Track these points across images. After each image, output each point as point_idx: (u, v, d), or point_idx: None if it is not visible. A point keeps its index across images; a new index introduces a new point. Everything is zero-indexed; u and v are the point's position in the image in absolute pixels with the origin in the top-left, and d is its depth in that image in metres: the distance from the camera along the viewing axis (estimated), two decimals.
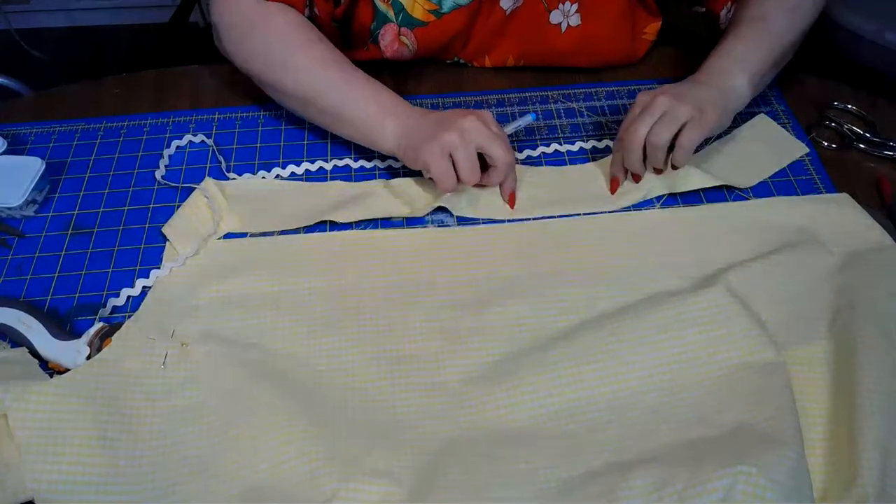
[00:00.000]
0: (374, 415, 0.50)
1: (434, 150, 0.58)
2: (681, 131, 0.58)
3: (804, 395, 0.49)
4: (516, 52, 0.75)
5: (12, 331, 0.53)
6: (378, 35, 0.71)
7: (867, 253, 0.58)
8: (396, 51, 0.72)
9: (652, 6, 0.73)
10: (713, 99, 0.60)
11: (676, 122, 0.58)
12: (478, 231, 0.61)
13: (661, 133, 0.58)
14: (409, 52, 0.72)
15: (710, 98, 0.60)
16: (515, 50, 0.75)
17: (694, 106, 0.58)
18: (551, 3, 0.70)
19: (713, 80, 0.62)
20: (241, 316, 0.55)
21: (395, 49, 0.72)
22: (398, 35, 0.71)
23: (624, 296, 0.56)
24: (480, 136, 0.59)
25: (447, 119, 0.60)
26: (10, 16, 1.81)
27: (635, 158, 0.61)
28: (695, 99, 0.59)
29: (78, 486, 0.45)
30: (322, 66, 0.64)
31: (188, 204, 0.63)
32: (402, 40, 0.71)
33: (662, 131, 0.58)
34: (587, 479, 0.45)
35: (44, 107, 0.75)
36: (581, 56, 0.74)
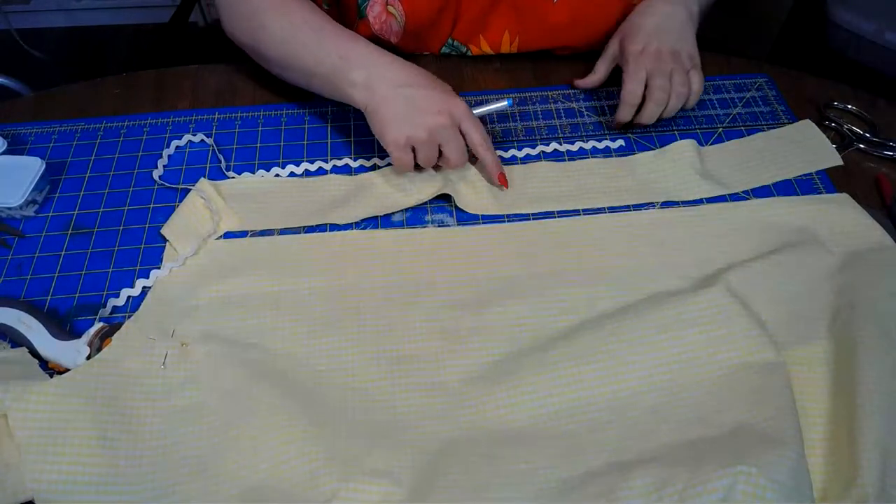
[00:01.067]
0: (374, 415, 0.50)
1: (399, 141, 0.60)
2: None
3: (804, 395, 0.49)
4: (512, 28, 0.75)
5: (12, 331, 0.53)
6: (366, 7, 0.71)
7: (867, 253, 0.58)
8: (385, 23, 0.72)
9: None
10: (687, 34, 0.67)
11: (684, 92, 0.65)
12: (478, 231, 0.61)
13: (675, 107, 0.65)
14: (397, 24, 0.72)
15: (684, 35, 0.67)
16: (510, 25, 0.74)
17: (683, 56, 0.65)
18: None
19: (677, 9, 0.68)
20: (241, 316, 0.55)
21: (384, 21, 0.71)
22: (386, 5, 0.70)
23: (624, 296, 0.56)
24: (445, 136, 0.60)
25: (418, 107, 0.59)
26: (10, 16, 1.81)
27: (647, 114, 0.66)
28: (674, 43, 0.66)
29: (78, 486, 0.45)
30: (294, 27, 0.64)
31: (185, 204, 0.63)
32: (391, 10, 0.71)
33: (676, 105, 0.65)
34: (587, 479, 0.45)
35: (44, 107, 0.75)
36: (575, 29, 0.74)
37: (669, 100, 0.65)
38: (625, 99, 0.65)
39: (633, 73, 0.65)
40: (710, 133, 0.70)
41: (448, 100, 0.60)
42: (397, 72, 0.61)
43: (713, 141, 0.69)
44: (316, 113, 0.73)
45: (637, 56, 0.66)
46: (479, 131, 0.61)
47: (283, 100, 0.74)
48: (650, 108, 0.65)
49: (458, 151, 0.61)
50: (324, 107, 0.73)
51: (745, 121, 0.71)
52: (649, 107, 0.65)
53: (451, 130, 0.60)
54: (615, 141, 0.69)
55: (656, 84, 0.64)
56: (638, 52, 0.66)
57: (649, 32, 0.67)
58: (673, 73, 0.64)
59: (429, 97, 0.60)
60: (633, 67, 0.65)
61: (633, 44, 0.67)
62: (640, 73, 0.65)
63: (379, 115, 0.60)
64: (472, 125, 0.61)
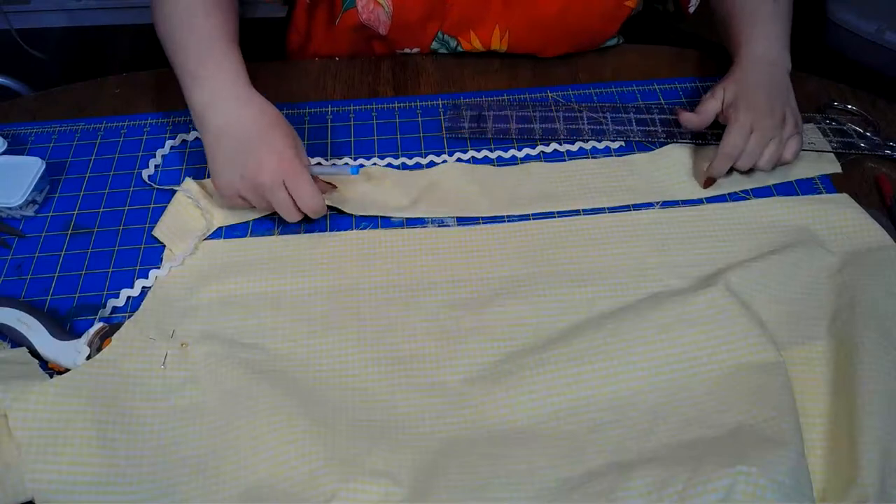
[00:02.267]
0: (374, 415, 0.50)
1: (225, 191, 0.58)
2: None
3: (804, 395, 0.49)
4: (502, 24, 0.74)
5: (12, 331, 0.53)
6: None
7: (867, 253, 0.58)
8: (372, 13, 0.71)
9: None
10: (792, 97, 0.64)
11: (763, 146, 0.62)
12: (478, 231, 0.61)
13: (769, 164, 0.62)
14: (385, 15, 0.72)
15: (790, 98, 0.64)
16: (500, 20, 0.74)
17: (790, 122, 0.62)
18: None
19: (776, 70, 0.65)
20: (241, 316, 0.55)
21: (371, 11, 0.71)
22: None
23: (624, 296, 0.56)
24: (273, 197, 0.57)
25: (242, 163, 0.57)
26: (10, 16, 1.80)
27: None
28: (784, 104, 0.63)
29: (78, 486, 0.45)
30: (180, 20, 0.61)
31: (173, 205, 0.63)
32: (378, 1, 0.71)
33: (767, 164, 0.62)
34: (587, 479, 0.45)
35: (44, 107, 0.75)
36: (565, 22, 0.73)
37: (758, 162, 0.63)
38: (725, 151, 0.62)
39: (739, 128, 0.61)
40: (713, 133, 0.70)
41: (275, 158, 0.56)
42: (231, 110, 0.58)
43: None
44: (316, 113, 0.73)
45: (747, 109, 0.62)
46: (307, 193, 0.57)
47: (283, 100, 0.74)
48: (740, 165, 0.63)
49: (288, 212, 0.58)
50: (324, 106, 0.73)
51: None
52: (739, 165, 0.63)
53: (278, 191, 0.57)
54: (615, 141, 0.69)
55: (749, 149, 0.62)
56: (749, 104, 0.62)
57: (758, 90, 0.63)
58: (771, 141, 0.62)
59: (252, 148, 0.57)
60: (740, 123, 0.61)
61: (740, 99, 0.63)
62: (746, 131, 0.61)
63: (209, 156, 0.59)
64: (301, 185, 0.57)
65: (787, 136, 0.62)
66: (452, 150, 0.68)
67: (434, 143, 0.69)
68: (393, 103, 0.74)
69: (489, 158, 0.68)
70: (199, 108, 0.59)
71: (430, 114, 0.73)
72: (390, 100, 0.74)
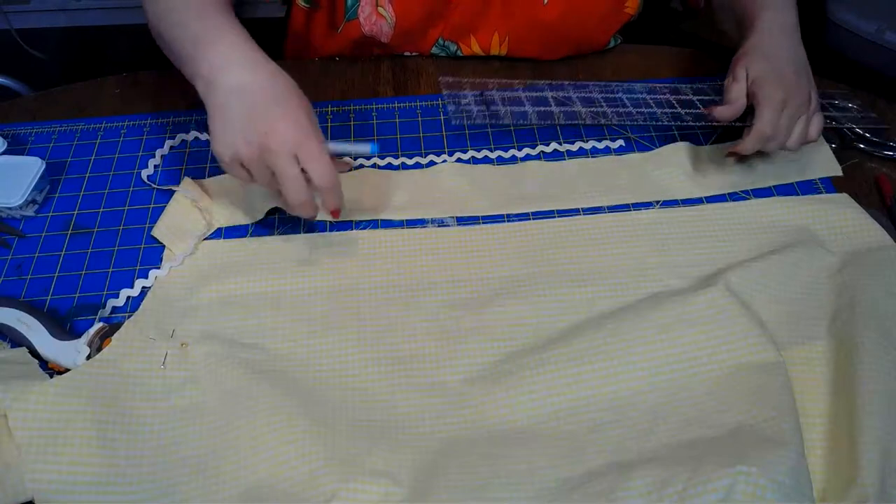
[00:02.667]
0: (374, 415, 0.50)
1: (223, 157, 0.53)
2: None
3: (804, 395, 0.49)
4: (502, 29, 0.74)
5: (12, 331, 0.53)
6: (357, 8, 0.71)
7: (867, 253, 0.58)
8: (375, 24, 0.71)
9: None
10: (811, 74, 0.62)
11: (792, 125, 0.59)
12: (477, 231, 0.61)
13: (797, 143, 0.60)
14: (388, 26, 0.72)
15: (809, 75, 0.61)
16: (500, 25, 0.74)
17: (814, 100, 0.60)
18: None
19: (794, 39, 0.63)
20: (241, 316, 0.55)
21: (374, 22, 0.71)
22: (376, 7, 0.70)
23: (624, 296, 0.56)
24: (278, 167, 0.51)
25: (250, 119, 0.51)
26: (10, 16, 1.80)
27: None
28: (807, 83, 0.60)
29: (78, 486, 0.45)
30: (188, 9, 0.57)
31: (172, 205, 0.63)
32: (381, 11, 0.71)
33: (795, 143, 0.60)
34: (587, 479, 0.45)
35: (44, 107, 0.75)
36: (565, 28, 0.74)
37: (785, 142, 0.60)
38: (762, 132, 0.58)
39: (772, 107, 0.58)
40: (710, 134, 0.70)
41: (291, 125, 0.51)
42: (244, 73, 0.53)
43: (713, 141, 0.69)
44: (316, 112, 0.72)
45: (776, 85, 0.58)
46: (323, 164, 0.51)
47: None
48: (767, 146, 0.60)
49: (294, 188, 0.52)
50: (324, 106, 0.73)
51: None
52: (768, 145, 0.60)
53: (284, 160, 0.51)
54: (615, 141, 0.69)
55: (780, 129, 0.58)
56: (777, 80, 0.59)
57: (787, 61, 0.60)
58: (800, 119, 0.59)
59: (265, 112, 0.51)
60: (772, 101, 0.58)
61: (773, 71, 0.59)
62: (779, 109, 0.58)
63: (213, 118, 0.53)
64: (316, 156, 0.51)
65: (812, 112, 0.60)
66: (452, 150, 0.68)
67: (434, 143, 0.69)
68: (393, 103, 0.74)
69: (489, 158, 0.68)
70: (207, 71, 0.54)
71: (430, 114, 0.73)
72: (390, 100, 0.74)
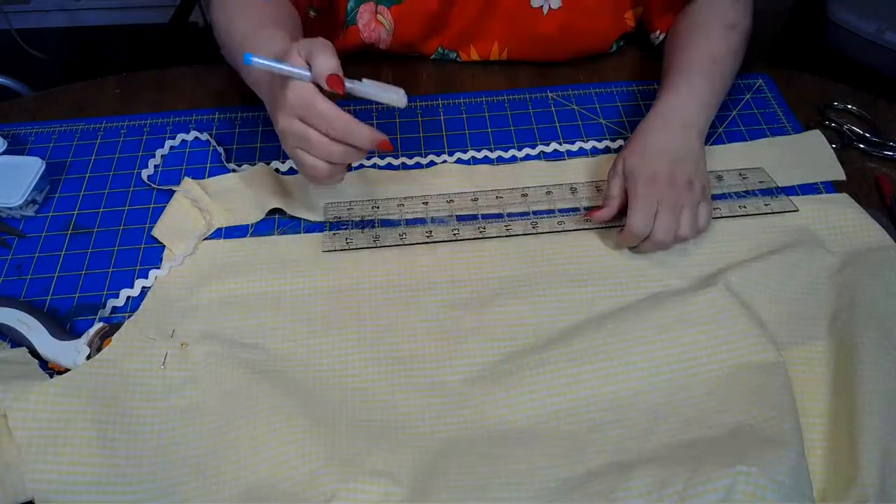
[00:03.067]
0: (374, 415, 0.50)
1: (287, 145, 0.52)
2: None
3: (804, 395, 0.49)
4: (501, 39, 0.74)
5: (12, 331, 0.53)
6: (355, 15, 0.71)
7: (867, 253, 0.58)
8: (374, 31, 0.72)
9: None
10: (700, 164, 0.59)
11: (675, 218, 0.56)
12: (477, 232, 0.61)
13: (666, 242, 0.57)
14: (386, 33, 0.72)
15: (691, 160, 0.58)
16: (499, 36, 0.74)
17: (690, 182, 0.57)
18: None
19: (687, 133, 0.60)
20: (241, 316, 0.55)
21: (373, 29, 0.72)
22: (375, 14, 0.71)
23: (624, 296, 0.56)
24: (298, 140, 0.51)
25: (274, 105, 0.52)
26: (10, 16, 1.81)
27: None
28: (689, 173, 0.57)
29: (78, 486, 0.45)
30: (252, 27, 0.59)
31: (172, 205, 0.63)
32: (380, 19, 0.71)
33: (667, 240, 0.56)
34: (587, 479, 0.45)
35: (44, 107, 0.75)
36: (564, 41, 0.74)
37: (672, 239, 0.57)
38: (632, 231, 0.56)
39: (642, 205, 0.56)
40: (710, 134, 0.70)
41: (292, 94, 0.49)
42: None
43: (713, 141, 0.69)
44: None
45: (648, 182, 0.57)
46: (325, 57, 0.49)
47: None
48: (648, 247, 0.58)
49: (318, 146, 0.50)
50: None
51: (745, 121, 0.71)
52: (647, 246, 0.58)
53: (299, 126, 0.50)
54: (615, 141, 0.69)
55: (662, 225, 0.56)
56: (649, 177, 0.57)
57: (661, 159, 0.58)
58: (683, 210, 0.56)
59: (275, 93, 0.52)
60: (642, 198, 0.56)
61: (642, 173, 0.57)
62: (651, 207, 0.56)
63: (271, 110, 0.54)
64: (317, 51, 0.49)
65: (696, 202, 0.57)
66: (452, 150, 0.68)
67: (434, 143, 0.70)
68: None
69: (489, 158, 0.68)
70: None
71: (431, 114, 0.73)
72: None
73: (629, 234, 0.57)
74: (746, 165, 0.66)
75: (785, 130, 0.70)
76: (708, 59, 0.64)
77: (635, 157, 0.59)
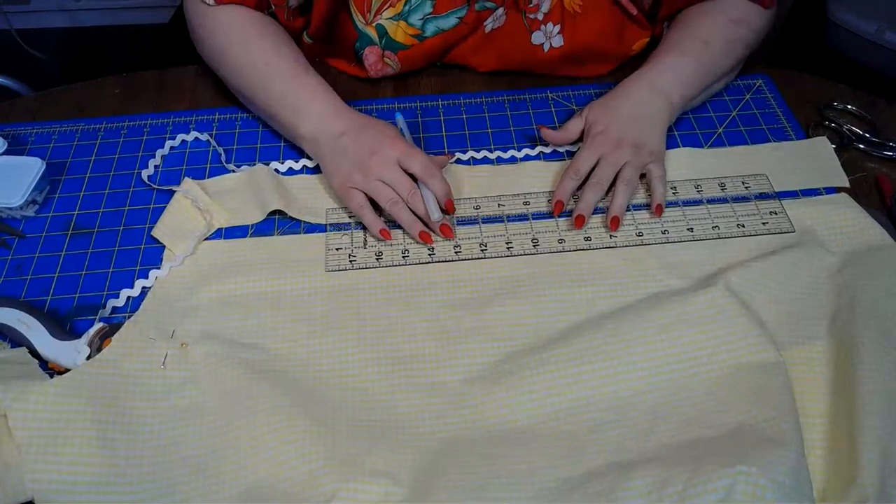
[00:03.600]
0: (374, 415, 0.50)
1: (341, 188, 0.61)
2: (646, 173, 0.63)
3: (804, 395, 0.49)
4: (502, 64, 0.75)
5: (12, 331, 0.53)
6: (362, 55, 0.73)
7: (867, 253, 0.58)
8: (381, 70, 0.74)
9: (643, 21, 0.72)
10: (649, 126, 0.63)
11: (633, 184, 0.61)
12: (476, 232, 0.61)
13: (622, 203, 0.60)
14: (392, 70, 0.74)
15: (646, 126, 0.63)
16: (501, 62, 0.75)
17: (637, 145, 0.62)
18: (533, 24, 0.71)
19: (655, 98, 0.64)
20: (241, 316, 0.55)
21: (380, 69, 0.74)
22: (382, 57, 0.72)
23: (624, 296, 0.56)
24: (386, 176, 0.59)
25: (351, 154, 0.61)
26: (10, 16, 1.81)
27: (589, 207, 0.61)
28: (633, 132, 0.62)
29: (77, 486, 0.45)
30: (255, 69, 0.65)
31: (173, 205, 0.63)
32: (386, 61, 0.73)
33: (623, 201, 0.60)
34: (587, 479, 0.45)
35: (44, 107, 0.75)
36: (566, 66, 0.75)
37: (615, 196, 0.60)
38: (569, 174, 0.62)
39: (584, 154, 0.62)
40: (710, 134, 0.70)
41: (388, 141, 0.60)
42: (340, 122, 0.63)
43: (713, 142, 0.69)
44: None
45: (596, 136, 0.63)
46: (418, 162, 0.59)
47: None
48: (586, 196, 0.61)
49: (402, 186, 0.59)
50: None
51: (745, 121, 0.71)
52: (585, 195, 0.61)
53: (392, 168, 0.59)
54: None
55: (596, 177, 0.61)
56: (599, 133, 0.63)
57: (618, 117, 0.63)
58: (625, 167, 0.61)
59: (360, 142, 0.61)
60: (587, 149, 0.63)
61: (598, 124, 0.64)
62: (592, 158, 0.62)
63: (324, 166, 0.63)
64: (409, 157, 0.60)
65: (641, 163, 0.61)
66: (452, 150, 0.68)
67: (434, 143, 0.70)
68: (393, 103, 0.74)
69: (489, 159, 0.68)
70: (309, 137, 0.64)
71: (431, 114, 0.73)
72: (390, 100, 0.74)
73: (570, 170, 0.62)
74: (750, 169, 0.65)
75: (785, 130, 0.70)
76: (701, 39, 0.67)
77: (598, 109, 0.65)
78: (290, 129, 0.65)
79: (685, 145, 0.68)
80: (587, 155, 0.62)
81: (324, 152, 0.63)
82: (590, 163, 0.62)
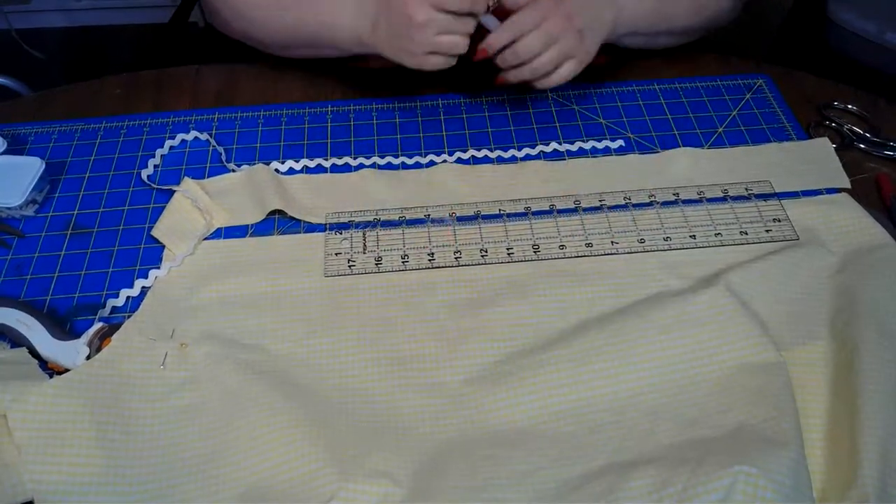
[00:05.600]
0: (374, 415, 0.50)
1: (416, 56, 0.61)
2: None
3: (804, 395, 0.49)
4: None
5: (12, 331, 0.53)
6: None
7: (867, 252, 0.58)
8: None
9: None
10: (598, 25, 0.64)
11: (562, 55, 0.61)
12: (476, 232, 0.61)
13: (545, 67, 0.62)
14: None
15: (596, 23, 0.63)
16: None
17: (582, 32, 0.62)
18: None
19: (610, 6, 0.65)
20: (241, 316, 0.55)
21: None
22: None
23: (624, 296, 0.56)
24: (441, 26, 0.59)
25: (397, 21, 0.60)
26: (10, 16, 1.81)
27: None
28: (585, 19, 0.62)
29: (77, 486, 0.45)
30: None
31: (172, 205, 0.63)
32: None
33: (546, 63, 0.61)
34: (587, 479, 0.45)
35: (44, 107, 0.75)
36: None
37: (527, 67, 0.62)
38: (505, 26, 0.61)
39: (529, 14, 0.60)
40: (710, 134, 0.70)
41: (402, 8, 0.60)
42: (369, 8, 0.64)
43: (713, 142, 0.69)
44: (316, 112, 0.73)
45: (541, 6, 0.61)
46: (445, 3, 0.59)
47: (283, 100, 0.74)
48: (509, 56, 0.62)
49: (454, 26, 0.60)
50: (323, 106, 0.73)
51: (745, 121, 0.71)
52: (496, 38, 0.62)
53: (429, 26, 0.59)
54: (615, 141, 0.69)
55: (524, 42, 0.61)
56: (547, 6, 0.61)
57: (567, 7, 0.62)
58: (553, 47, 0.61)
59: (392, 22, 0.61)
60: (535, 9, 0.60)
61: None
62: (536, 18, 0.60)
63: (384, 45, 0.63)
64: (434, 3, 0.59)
65: (569, 50, 0.61)
66: (452, 150, 0.68)
67: (434, 143, 0.70)
68: (393, 103, 0.74)
69: (489, 158, 0.68)
70: (350, 38, 0.66)
71: (431, 114, 0.73)
72: (390, 100, 0.74)
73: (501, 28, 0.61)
74: (750, 169, 0.65)
75: (785, 130, 0.70)
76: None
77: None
78: (345, 48, 0.68)
79: (685, 145, 0.68)
80: (532, 16, 0.60)
81: (376, 42, 0.64)
82: (532, 23, 0.60)
